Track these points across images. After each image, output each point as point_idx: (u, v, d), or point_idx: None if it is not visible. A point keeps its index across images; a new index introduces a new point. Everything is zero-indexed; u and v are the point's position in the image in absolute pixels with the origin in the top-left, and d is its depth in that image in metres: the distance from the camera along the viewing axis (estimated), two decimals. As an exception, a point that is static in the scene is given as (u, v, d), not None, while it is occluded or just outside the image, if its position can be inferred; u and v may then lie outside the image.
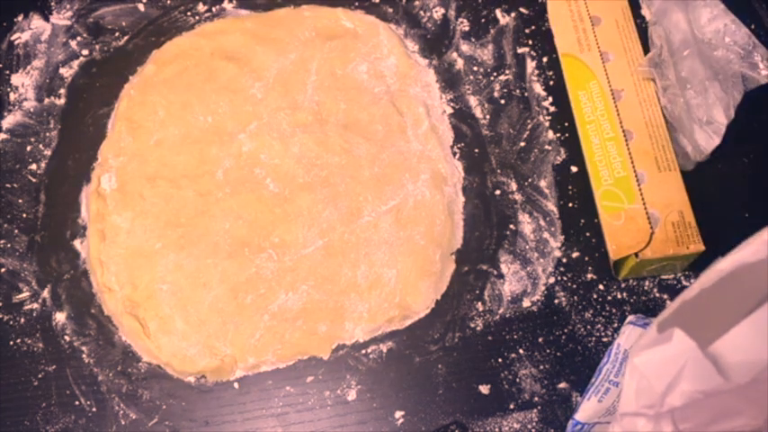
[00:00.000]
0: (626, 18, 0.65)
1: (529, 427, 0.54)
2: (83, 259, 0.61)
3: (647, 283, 0.59)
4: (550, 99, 0.65)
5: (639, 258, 0.56)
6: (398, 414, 0.55)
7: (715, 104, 0.58)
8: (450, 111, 0.65)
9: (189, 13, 0.70)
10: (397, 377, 0.56)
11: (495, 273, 0.59)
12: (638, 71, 0.63)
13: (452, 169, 0.63)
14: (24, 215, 0.63)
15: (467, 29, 0.69)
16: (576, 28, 0.65)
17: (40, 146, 0.65)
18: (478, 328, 0.57)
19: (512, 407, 0.55)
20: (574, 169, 0.63)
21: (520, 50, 0.68)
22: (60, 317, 0.59)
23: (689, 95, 0.59)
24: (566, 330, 0.57)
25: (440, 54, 0.68)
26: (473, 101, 0.66)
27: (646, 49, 0.64)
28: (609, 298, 0.58)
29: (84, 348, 0.58)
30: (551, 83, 0.66)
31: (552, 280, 0.59)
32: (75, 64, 0.69)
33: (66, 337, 0.58)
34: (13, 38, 0.70)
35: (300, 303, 0.58)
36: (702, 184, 0.59)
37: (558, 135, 0.64)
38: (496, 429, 0.54)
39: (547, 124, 0.64)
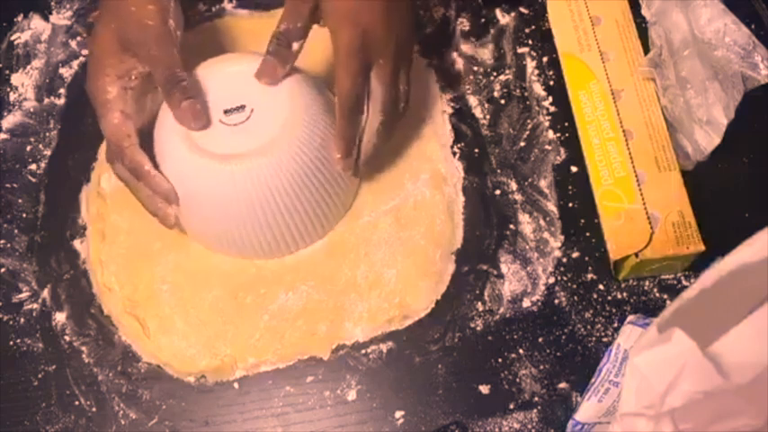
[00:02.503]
0: (626, 18, 0.65)
1: (529, 427, 0.54)
2: (83, 259, 0.61)
3: (647, 283, 0.59)
4: (550, 99, 0.65)
5: (640, 258, 0.56)
6: (398, 414, 0.55)
7: (715, 104, 0.58)
8: (450, 111, 0.65)
9: (189, 13, 0.70)
10: (397, 377, 0.56)
11: (495, 273, 0.59)
12: (638, 71, 0.63)
13: (452, 169, 0.63)
14: (24, 215, 0.63)
15: (467, 29, 0.69)
16: (577, 28, 0.65)
17: (40, 146, 0.65)
18: (478, 328, 0.57)
19: (512, 407, 0.55)
20: (574, 169, 0.63)
21: (520, 50, 0.68)
22: (60, 317, 0.59)
23: (689, 95, 0.59)
24: (566, 330, 0.57)
25: (440, 54, 0.68)
26: (473, 101, 0.66)
27: (646, 49, 0.64)
28: (609, 298, 0.58)
29: (84, 348, 0.58)
30: (551, 83, 0.66)
31: (552, 280, 0.59)
32: (75, 64, 0.69)
33: (66, 337, 0.58)
34: (13, 38, 0.70)
35: (300, 303, 0.58)
36: (702, 184, 0.59)
37: (558, 135, 0.64)
38: (496, 429, 0.54)
39: (547, 124, 0.64)
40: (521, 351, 0.57)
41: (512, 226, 0.61)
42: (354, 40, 0.53)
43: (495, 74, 0.67)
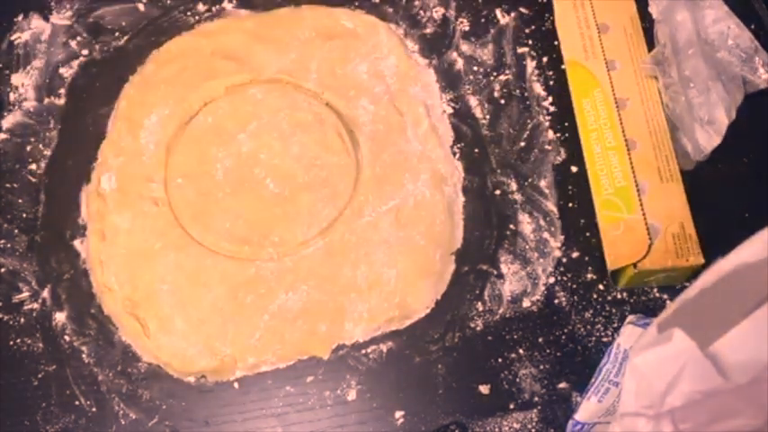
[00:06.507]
0: (634, 26, 0.64)
1: (529, 427, 0.54)
2: (83, 259, 0.61)
3: (647, 283, 0.59)
4: (550, 99, 0.65)
5: (638, 269, 0.55)
6: (398, 414, 0.55)
7: (717, 104, 0.58)
8: (450, 111, 0.65)
9: (189, 13, 0.70)
10: (397, 377, 0.56)
11: (495, 273, 0.59)
12: (640, 68, 0.62)
13: (452, 169, 0.63)
14: (24, 215, 0.63)
15: (467, 29, 0.69)
16: (583, 35, 0.64)
17: (40, 146, 0.65)
18: (478, 328, 0.57)
19: (512, 407, 0.55)
20: (574, 169, 0.63)
21: (520, 50, 0.68)
22: (60, 317, 0.59)
23: (691, 94, 0.59)
24: (566, 330, 0.57)
25: (440, 54, 0.68)
26: (473, 101, 0.66)
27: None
28: (609, 298, 0.58)
29: (84, 348, 0.58)
30: (551, 83, 0.66)
31: (552, 280, 0.59)
32: (75, 64, 0.68)
33: (66, 337, 0.58)
34: (13, 38, 0.70)
35: (300, 303, 0.58)
36: (702, 185, 0.59)
37: (558, 135, 0.64)
38: (496, 429, 0.54)
39: (547, 124, 0.64)
40: (521, 351, 0.57)
41: (512, 226, 0.61)
42: None
43: (495, 74, 0.67)
